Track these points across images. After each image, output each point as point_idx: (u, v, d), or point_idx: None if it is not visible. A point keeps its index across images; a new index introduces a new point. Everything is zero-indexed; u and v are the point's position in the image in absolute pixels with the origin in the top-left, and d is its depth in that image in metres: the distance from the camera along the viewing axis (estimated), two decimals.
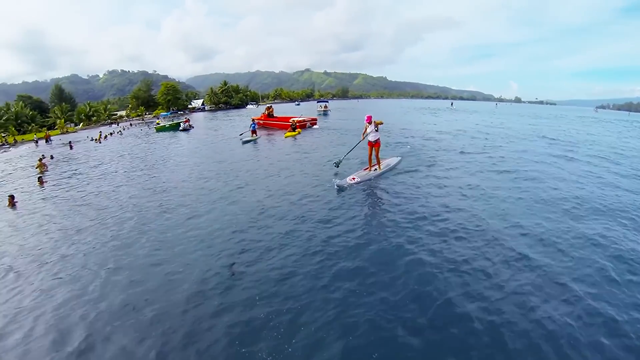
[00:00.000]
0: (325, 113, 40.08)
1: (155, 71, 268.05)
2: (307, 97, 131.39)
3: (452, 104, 64.77)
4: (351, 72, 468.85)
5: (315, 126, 22.60)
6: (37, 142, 28.45)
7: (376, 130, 8.58)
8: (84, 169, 13.90)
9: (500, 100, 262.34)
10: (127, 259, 5.14)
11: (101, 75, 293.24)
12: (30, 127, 40.19)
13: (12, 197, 9.26)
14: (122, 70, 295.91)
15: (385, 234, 5.38)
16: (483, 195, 7.25)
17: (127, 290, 4.30)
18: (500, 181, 8.44)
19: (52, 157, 17.53)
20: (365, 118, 8.63)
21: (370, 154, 8.88)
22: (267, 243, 5.25)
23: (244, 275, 4.38)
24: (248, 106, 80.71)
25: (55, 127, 42.60)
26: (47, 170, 14.24)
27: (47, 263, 5.33)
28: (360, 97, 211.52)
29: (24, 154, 20.97)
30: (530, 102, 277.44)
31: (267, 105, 26.21)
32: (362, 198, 7.33)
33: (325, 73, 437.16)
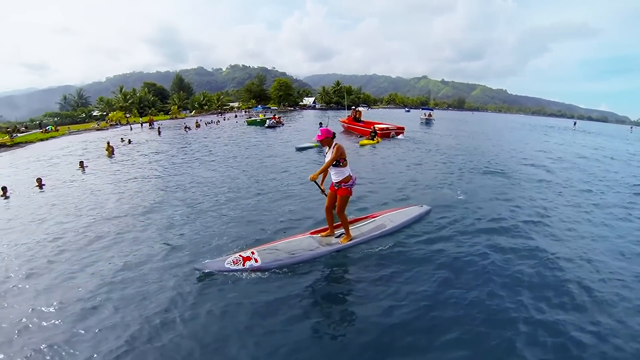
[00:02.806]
0: (427, 122, 35.65)
1: (274, 68, 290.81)
2: (422, 104, 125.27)
3: (574, 124, 54.78)
4: (469, 82, 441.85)
5: (400, 136, 19.46)
6: (141, 125, 32.31)
7: (338, 164, 4.30)
8: (141, 159, 13.96)
9: (638, 124, 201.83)
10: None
11: (224, 69, 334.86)
12: (150, 111, 46.90)
13: (39, 179, 9.51)
14: (243, 65, 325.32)
15: None
16: None
17: None
18: None
19: (129, 142, 18.64)
20: (319, 132, 4.38)
21: (329, 207, 4.64)
22: None
23: None
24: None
25: (169, 113, 48.77)
26: (113, 155, 14.80)
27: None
28: (476, 109, 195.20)
29: (119, 134, 23.40)
30: None
31: (354, 107, 24.05)
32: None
33: (443, 82, 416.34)
